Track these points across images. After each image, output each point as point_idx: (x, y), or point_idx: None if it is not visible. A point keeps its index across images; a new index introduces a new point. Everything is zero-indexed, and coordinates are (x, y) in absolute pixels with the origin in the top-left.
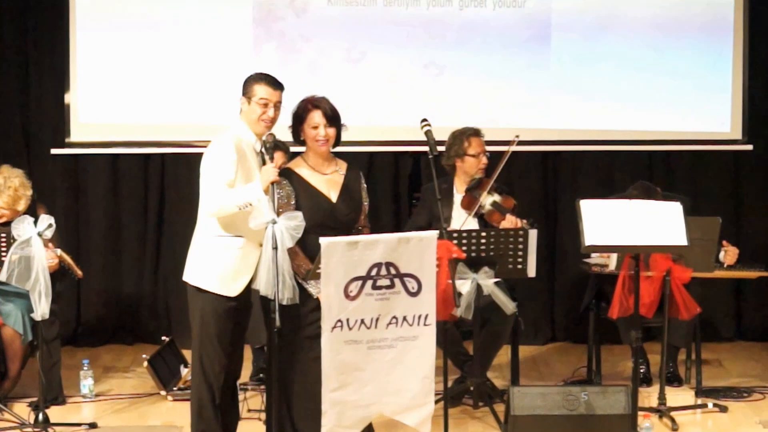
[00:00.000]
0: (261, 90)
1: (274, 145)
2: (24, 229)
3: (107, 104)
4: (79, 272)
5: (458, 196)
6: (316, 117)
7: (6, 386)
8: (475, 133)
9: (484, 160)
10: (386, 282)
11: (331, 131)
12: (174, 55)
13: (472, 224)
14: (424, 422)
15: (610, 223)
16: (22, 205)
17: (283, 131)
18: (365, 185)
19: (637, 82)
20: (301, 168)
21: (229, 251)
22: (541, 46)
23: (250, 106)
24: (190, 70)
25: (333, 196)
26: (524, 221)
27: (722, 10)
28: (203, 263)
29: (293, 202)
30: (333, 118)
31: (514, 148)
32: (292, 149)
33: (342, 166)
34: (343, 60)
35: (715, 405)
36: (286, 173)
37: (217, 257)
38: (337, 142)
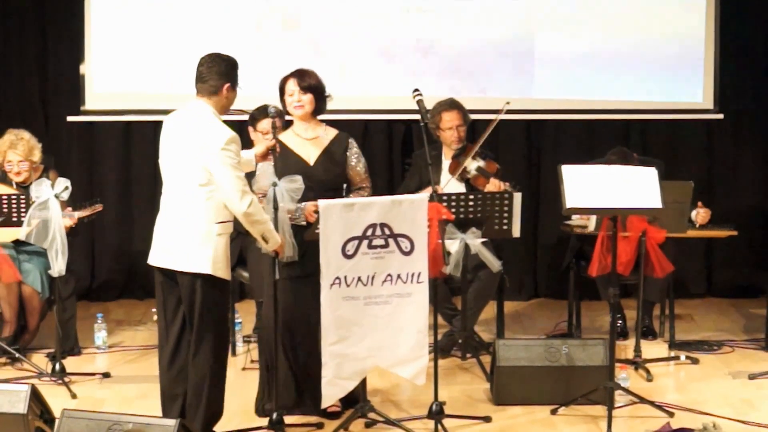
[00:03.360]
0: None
1: (277, 113)
2: (42, 191)
3: (120, 74)
4: (99, 207)
5: (446, 162)
6: (291, 85)
7: (26, 338)
8: (449, 107)
9: (457, 133)
10: (381, 242)
11: (306, 97)
12: (183, 26)
13: (460, 188)
14: (419, 374)
15: (590, 186)
16: (37, 156)
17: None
18: (355, 149)
19: (615, 55)
20: (285, 134)
21: (225, 237)
22: (526, 22)
23: (233, 92)
24: (197, 43)
25: (311, 159)
26: (507, 184)
27: None
28: (211, 251)
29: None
30: (308, 86)
31: (503, 116)
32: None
33: (330, 132)
34: (340, 33)
35: (687, 357)
36: None
37: (220, 243)
38: (319, 110)
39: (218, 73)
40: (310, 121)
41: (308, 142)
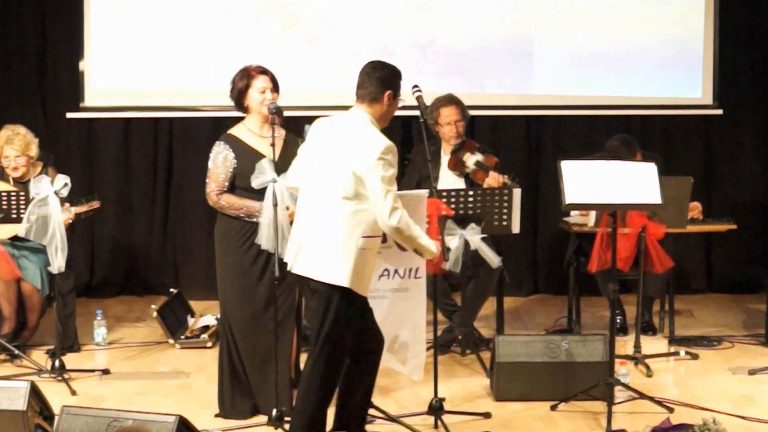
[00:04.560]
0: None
1: (276, 110)
2: (42, 188)
3: (119, 71)
4: (97, 204)
5: (445, 157)
6: (263, 82)
7: (25, 335)
8: (448, 102)
9: (455, 129)
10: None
11: (275, 96)
12: (182, 23)
13: (459, 183)
14: (416, 370)
15: (589, 182)
16: (33, 150)
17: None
18: None
19: (616, 51)
20: (241, 133)
21: (369, 252)
22: (525, 17)
23: (395, 102)
24: (196, 40)
25: (269, 155)
26: (506, 177)
27: None
28: (351, 264)
29: (231, 169)
30: (276, 86)
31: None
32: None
33: (281, 131)
34: (339, 30)
35: (686, 353)
36: (226, 139)
37: (363, 258)
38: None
39: (379, 79)
40: (267, 120)
41: (264, 139)
